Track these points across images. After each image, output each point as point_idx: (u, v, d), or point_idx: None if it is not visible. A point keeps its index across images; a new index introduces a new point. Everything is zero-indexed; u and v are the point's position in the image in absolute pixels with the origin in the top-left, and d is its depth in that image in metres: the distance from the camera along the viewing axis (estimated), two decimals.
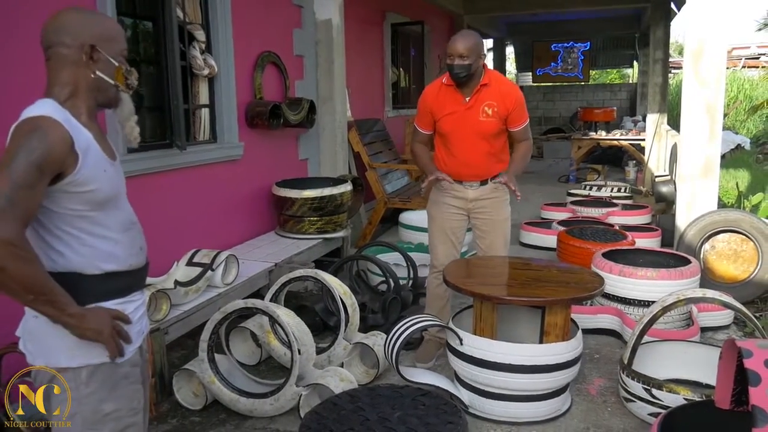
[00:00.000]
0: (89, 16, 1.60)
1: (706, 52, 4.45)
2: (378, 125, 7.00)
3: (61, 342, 1.52)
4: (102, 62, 1.57)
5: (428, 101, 3.40)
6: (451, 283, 2.92)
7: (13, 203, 1.35)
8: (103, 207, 1.56)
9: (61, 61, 1.54)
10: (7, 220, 1.34)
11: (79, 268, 1.52)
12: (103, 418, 1.58)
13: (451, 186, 3.38)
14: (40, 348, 1.56)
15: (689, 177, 4.62)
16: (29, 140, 1.40)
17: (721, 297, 2.90)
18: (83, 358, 1.54)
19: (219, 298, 3.50)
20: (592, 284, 2.90)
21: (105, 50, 1.57)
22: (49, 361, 1.55)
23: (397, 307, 3.86)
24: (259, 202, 4.82)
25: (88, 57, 1.55)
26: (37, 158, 1.38)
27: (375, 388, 2.60)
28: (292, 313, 3.08)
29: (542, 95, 16.23)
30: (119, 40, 1.62)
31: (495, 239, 3.46)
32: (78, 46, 1.53)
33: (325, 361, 3.31)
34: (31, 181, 1.38)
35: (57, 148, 1.42)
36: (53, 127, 1.43)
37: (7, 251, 1.34)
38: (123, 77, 1.62)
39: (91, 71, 1.56)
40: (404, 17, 8.21)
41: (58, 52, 1.54)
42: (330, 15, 5.41)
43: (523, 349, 2.80)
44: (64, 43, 1.53)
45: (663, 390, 2.77)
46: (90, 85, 1.57)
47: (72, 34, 1.53)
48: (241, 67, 4.50)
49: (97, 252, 1.55)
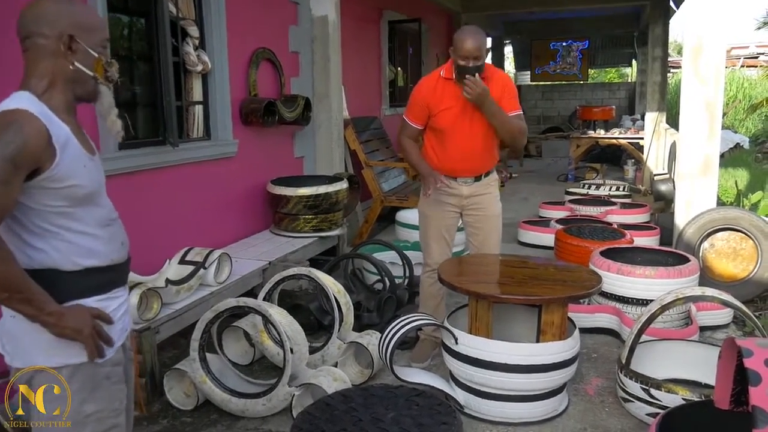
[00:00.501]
0: (68, 5, 1.54)
1: (705, 50, 4.41)
2: (375, 123, 6.96)
3: (38, 341, 1.48)
4: (81, 53, 1.51)
5: (425, 95, 3.27)
6: (446, 282, 2.88)
7: None
8: (83, 203, 1.51)
9: (38, 52, 1.49)
10: None
11: (56, 264, 1.48)
12: (85, 419, 1.54)
13: (445, 183, 3.32)
14: (17, 348, 1.52)
15: (688, 175, 4.58)
16: (3, 134, 1.35)
17: (720, 295, 2.85)
18: (61, 357, 1.50)
19: (211, 297, 3.46)
20: (590, 282, 2.86)
21: (84, 40, 1.51)
22: (26, 362, 1.50)
23: (393, 305, 3.82)
24: (254, 199, 4.77)
25: (67, 47, 1.49)
26: (12, 152, 1.34)
27: (368, 388, 2.55)
28: (284, 312, 3.03)
29: (541, 94, 16.18)
30: (100, 30, 1.57)
31: (488, 235, 3.41)
32: (56, 36, 1.48)
33: (319, 360, 3.27)
34: (5, 176, 1.33)
35: (33, 142, 1.37)
36: (28, 120, 1.38)
37: None
38: (102, 69, 1.56)
39: (70, 62, 1.50)
40: (401, 15, 8.17)
41: (36, 43, 1.49)
42: (326, 12, 5.36)
43: (519, 349, 2.76)
44: (41, 33, 1.48)
45: (661, 390, 2.73)
46: (68, 76, 1.51)
47: (50, 23, 1.48)
48: (236, 63, 4.45)
49: (76, 248, 1.50)
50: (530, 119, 15.67)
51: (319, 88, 5.46)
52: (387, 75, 7.85)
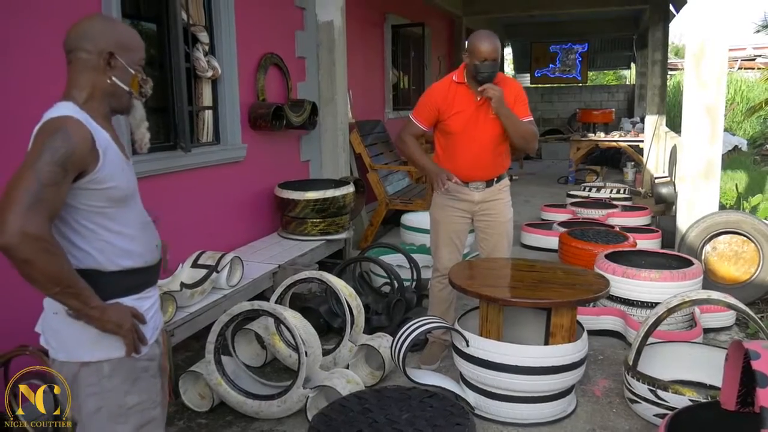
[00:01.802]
0: (111, 25, 1.68)
1: (707, 54, 4.47)
2: (379, 127, 7.02)
3: (81, 337, 1.58)
4: (119, 69, 1.64)
5: (437, 98, 3.32)
6: (457, 285, 2.94)
7: (40, 200, 1.41)
8: (121, 204, 1.62)
9: (80, 66, 1.61)
10: (35, 215, 1.40)
11: (97, 265, 1.58)
12: (128, 411, 1.64)
13: (457, 189, 3.35)
14: (61, 343, 1.61)
15: (690, 179, 4.64)
16: (53, 140, 1.46)
17: (726, 299, 2.91)
18: (104, 352, 1.60)
19: (224, 300, 3.51)
20: (598, 286, 2.92)
21: (123, 58, 1.64)
22: (70, 356, 1.60)
23: (402, 308, 3.87)
24: (262, 203, 4.82)
25: (106, 63, 1.61)
26: (62, 157, 1.45)
27: (382, 390, 2.60)
28: (298, 315, 3.08)
29: (540, 96, 16.26)
30: (137, 50, 1.70)
31: (499, 241, 3.47)
32: (97, 52, 1.60)
33: (331, 362, 3.32)
34: (56, 179, 1.44)
35: (80, 147, 1.48)
36: (76, 127, 1.50)
37: (36, 245, 1.40)
38: (138, 85, 1.69)
39: (108, 77, 1.62)
40: (405, 19, 8.23)
41: (79, 57, 1.61)
42: (332, 17, 5.42)
43: (529, 351, 2.81)
44: (84, 48, 1.60)
45: (668, 391, 2.79)
46: (106, 90, 1.63)
47: (93, 40, 1.60)
48: (244, 69, 4.51)
49: (115, 248, 1.61)
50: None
51: (325, 93, 5.51)
52: (390, 79, 7.90)
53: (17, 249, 1.38)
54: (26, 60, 2.87)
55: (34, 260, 1.40)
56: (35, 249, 1.39)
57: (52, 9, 2.98)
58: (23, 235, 1.37)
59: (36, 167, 1.42)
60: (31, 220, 1.39)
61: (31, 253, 1.39)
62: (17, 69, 2.82)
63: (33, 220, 1.39)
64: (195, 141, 4.21)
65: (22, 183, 1.41)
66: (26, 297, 1.79)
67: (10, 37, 2.80)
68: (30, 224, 1.38)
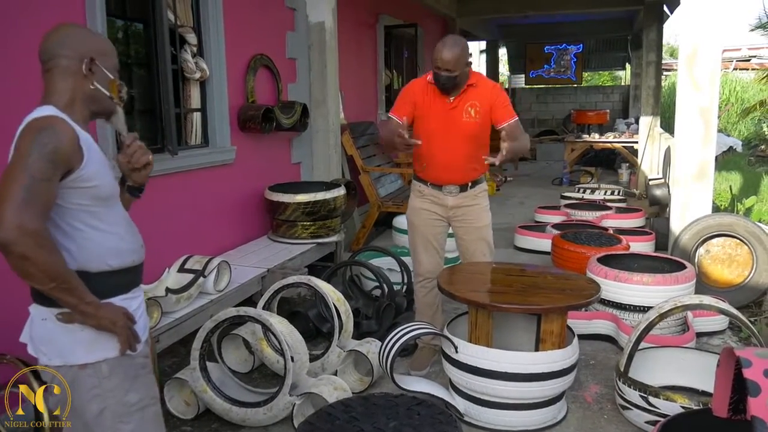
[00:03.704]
0: (86, 32, 1.74)
1: (700, 56, 4.44)
2: (371, 128, 6.97)
3: (75, 340, 1.59)
4: (99, 74, 1.67)
5: (416, 91, 3.27)
6: (446, 290, 2.90)
7: (34, 195, 1.42)
8: (106, 203, 1.65)
9: (61, 72, 1.62)
10: (30, 211, 1.41)
11: (85, 265, 1.59)
12: (130, 409, 1.66)
13: (431, 192, 3.34)
14: (54, 348, 1.61)
15: (684, 181, 4.61)
16: (41, 137, 1.48)
17: (718, 304, 2.88)
18: (100, 352, 1.61)
19: (211, 305, 3.46)
20: (589, 291, 2.88)
21: (102, 63, 1.67)
22: (66, 360, 1.60)
23: (391, 313, 3.83)
24: (252, 206, 4.77)
25: (88, 68, 1.64)
26: (50, 152, 1.47)
27: (369, 397, 2.56)
28: (285, 321, 3.04)
29: (535, 97, 16.25)
30: (112, 56, 1.73)
31: (477, 246, 3.42)
32: (78, 58, 1.63)
33: (319, 368, 3.27)
34: (47, 174, 1.46)
35: (66, 144, 1.51)
36: (61, 124, 1.53)
37: (32, 241, 1.41)
38: (117, 89, 1.72)
39: (90, 82, 1.65)
40: (397, 20, 8.18)
41: (59, 64, 1.62)
42: (323, 18, 5.37)
43: (518, 357, 2.77)
44: (64, 55, 1.62)
45: (660, 398, 2.75)
46: (87, 95, 1.65)
47: (72, 47, 1.63)
48: (233, 70, 4.46)
49: (103, 247, 1.63)
50: (524, 122, 15.62)
51: (317, 94, 5.47)
52: (383, 80, 7.86)
53: (15, 244, 1.39)
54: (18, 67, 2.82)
55: (31, 255, 1.41)
56: (32, 244, 1.40)
57: (35, 9, 2.93)
58: (20, 230, 1.38)
59: (26, 163, 1.43)
60: (27, 215, 1.40)
61: (28, 248, 1.40)
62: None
63: (29, 215, 1.40)
64: (183, 143, 4.17)
65: (15, 179, 1.41)
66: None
67: None
68: (26, 219, 1.39)
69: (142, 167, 1.76)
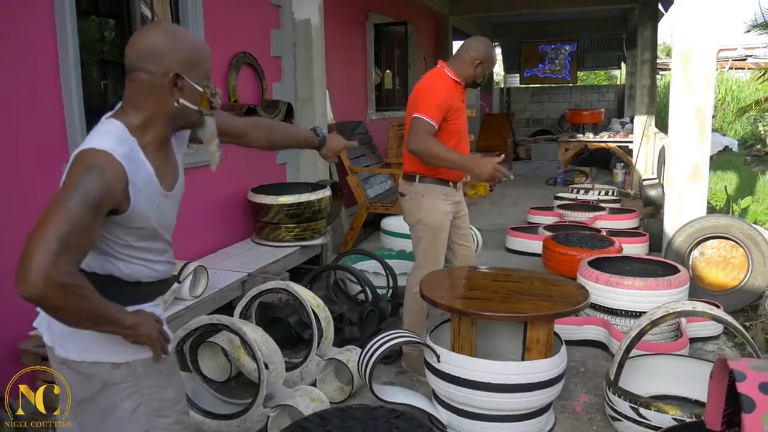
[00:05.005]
0: (175, 40, 1.52)
1: (694, 56, 4.32)
2: (360, 128, 6.84)
3: (106, 339, 1.52)
4: (186, 89, 1.52)
5: (450, 93, 3.18)
6: (428, 297, 2.77)
7: (69, 246, 1.31)
8: (153, 239, 1.59)
9: (141, 87, 1.50)
10: (61, 263, 1.30)
11: (120, 274, 1.55)
12: (168, 404, 1.64)
13: (453, 192, 3.34)
14: (75, 343, 1.55)
15: (677, 182, 4.49)
16: (87, 180, 1.36)
17: (711, 311, 2.76)
18: (133, 352, 1.56)
19: (186, 312, 3.32)
20: (576, 298, 2.76)
21: (190, 76, 1.52)
22: (87, 356, 1.55)
23: (375, 319, 3.70)
24: (235, 208, 4.64)
25: (172, 85, 1.50)
26: (94, 199, 1.36)
27: (346, 409, 2.45)
28: (259, 330, 2.92)
29: (530, 96, 16.15)
30: (204, 62, 1.57)
31: (468, 231, 3.58)
32: (162, 74, 1.49)
33: (298, 377, 3.15)
34: (87, 222, 1.35)
35: (113, 188, 1.40)
36: (111, 166, 1.40)
37: (64, 292, 1.31)
38: (207, 101, 1.58)
39: (175, 99, 1.52)
40: (388, 17, 8.06)
41: (139, 78, 1.50)
42: (309, 15, 5.24)
43: (502, 367, 2.65)
44: (146, 69, 1.49)
45: (651, 409, 2.63)
46: (171, 112, 1.53)
47: (156, 60, 1.49)
48: (214, 69, 4.25)
49: (142, 269, 1.58)
50: (520, 122, 15.63)
51: (303, 93, 5.34)
52: (373, 79, 7.73)
53: (45, 299, 1.30)
54: None
55: (64, 306, 1.34)
56: (64, 296, 1.32)
57: None
58: (49, 284, 1.28)
59: (67, 208, 1.33)
60: (58, 267, 1.29)
61: (60, 300, 1.32)
62: None
63: (60, 267, 1.29)
64: None
65: (53, 225, 1.31)
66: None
67: None
68: (56, 273, 1.29)
69: None
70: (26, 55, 2.96)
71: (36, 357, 2.75)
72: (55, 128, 3.12)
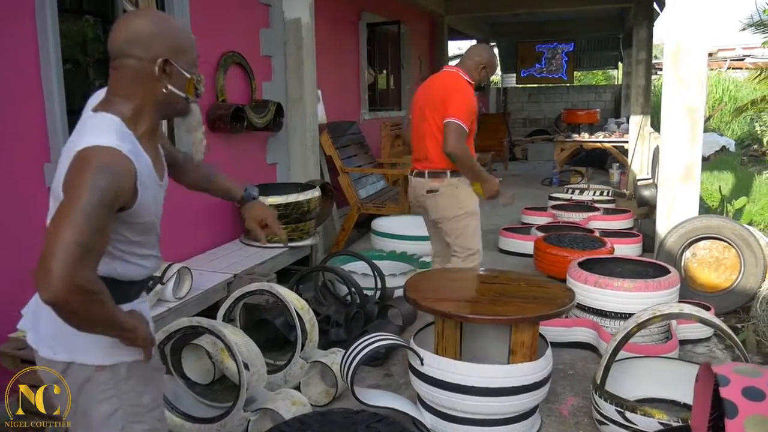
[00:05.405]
0: (164, 26, 1.50)
1: (685, 53, 4.28)
2: (353, 128, 6.79)
3: (95, 341, 1.50)
4: (175, 76, 1.51)
5: (474, 97, 3.48)
6: (411, 299, 2.73)
7: (89, 249, 1.30)
8: (150, 232, 1.59)
9: (129, 75, 1.47)
10: (84, 267, 1.28)
11: (116, 275, 1.53)
12: (144, 410, 1.61)
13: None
14: (64, 344, 1.52)
15: (669, 181, 4.45)
16: (99, 179, 1.32)
17: (698, 313, 2.71)
18: (120, 355, 1.54)
19: (169, 314, 3.28)
20: (562, 300, 2.71)
21: (178, 63, 1.50)
22: (75, 357, 1.53)
23: (361, 321, 3.66)
24: (223, 209, 4.60)
25: (161, 71, 1.48)
26: (109, 199, 1.34)
27: (327, 413, 2.41)
28: (240, 332, 2.87)
29: (527, 96, 16.11)
30: (191, 49, 1.56)
31: None
32: (150, 60, 1.46)
33: (281, 380, 3.11)
34: (103, 223, 1.33)
35: (124, 185, 1.38)
36: (122, 163, 1.37)
37: (85, 298, 1.30)
38: (194, 88, 1.57)
39: (163, 86, 1.49)
40: (381, 17, 8.01)
41: (127, 65, 1.46)
42: (299, 14, 5.20)
43: (487, 371, 2.61)
44: (134, 55, 1.46)
45: (637, 413, 2.59)
46: (159, 99, 1.51)
47: (144, 46, 1.46)
48: (202, 68, 4.22)
49: (137, 268, 1.57)
50: (516, 122, 15.59)
51: (293, 93, 5.30)
52: (366, 79, 7.69)
53: (66, 303, 1.28)
54: None
55: (81, 311, 1.31)
56: (84, 301, 1.30)
57: None
58: (72, 290, 1.26)
59: (85, 211, 1.28)
60: (82, 273, 1.27)
61: (79, 306, 1.30)
62: None
63: (83, 272, 1.28)
64: None
65: (71, 230, 1.27)
66: None
67: None
68: (80, 278, 1.27)
69: None
70: (6, 55, 2.92)
71: (15, 360, 2.71)
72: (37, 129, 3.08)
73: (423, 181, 3.56)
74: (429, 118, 3.46)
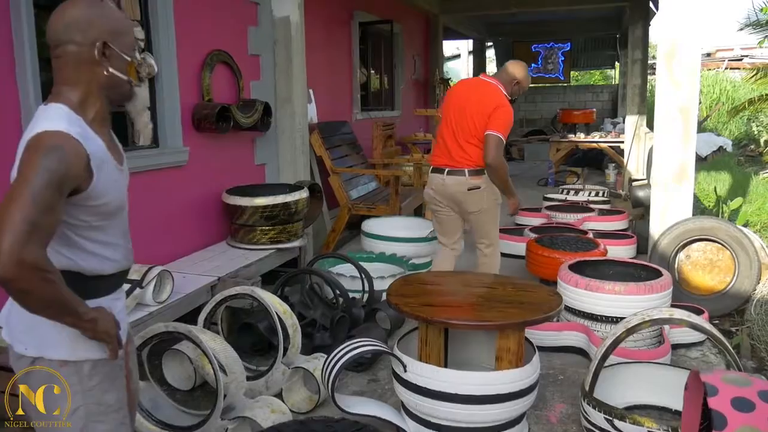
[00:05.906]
0: (99, 11, 1.53)
1: (678, 53, 4.22)
2: (345, 128, 6.71)
3: (61, 334, 1.51)
4: (114, 58, 1.53)
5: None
6: (393, 304, 2.65)
7: (37, 227, 1.32)
8: (112, 216, 1.57)
9: (71, 60, 1.49)
10: (32, 244, 1.31)
11: (79, 269, 1.53)
12: (107, 409, 1.60)
13: None
14: (34, 339, 1.53)
15: (663, 182, 4.37)
16: (48, 160, 1.35)
17: (689, 318, 2.64)
18: (85, 351, 1.54)
19: (150, 318, 3.20)
20: (549, 305, 2.64)
21: (116, 45, 1.53)
22: (44, 353, 1.53)
23: (346, 325, 3.58)
24: (209, 210, 4.52)
25: (101, 54, 1.50)
26: (58, 179, 1.36)
27: (306, 421, 2.33)
28: (218, 338, 2.80)
29: (524, 96, 15.95)
30: (129, 32, 1.59)
31: None
32: (90, 44, 1.49)
33: (263, 386, 3.03)
34: (52, 203, 1.35)
35: (74, 167, 1.40)
36: (70, 145, 1.40)
37: (34, 275, 1.32)
38: (135, 71, 1.60)
39: (104, 69, 1.52)
40: (374, 16, 7.93)
41: (67, 51, 1.49)
42: (288, 12, 5.12)
43: (471, 378, 2.53)
44: (74, 40, 1.48)
45: (626, 421, 2.51)
46: (102, 83, 1.53)
47: (82, 31, 1.48)
48: (187, 67, 4.20)
49: (102, 260, 1.56)
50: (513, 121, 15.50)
51: (282, 92, 5.22)
52: (358, 78, 7.61)
53: (15, 281, 1.30)
54: None
55: (31, 290, 1.34)
56: (33, 279, 1.32)
57: None
58: (21, 265, 1.29)
59: (32, 191, 1.32)
60: (29, 249, 1.30)
61: (28, 284, 1.32)
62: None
63: (31, 249, 1.31)
64: (130, 144, 3.92)
65: (18, 208, 1.31)
66: None
67: None
68: (27, 254, 1.30)
69: None
70: None
71: None
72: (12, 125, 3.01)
73: (463, 179, 3.78)
74: (471, 124, 3.74)
